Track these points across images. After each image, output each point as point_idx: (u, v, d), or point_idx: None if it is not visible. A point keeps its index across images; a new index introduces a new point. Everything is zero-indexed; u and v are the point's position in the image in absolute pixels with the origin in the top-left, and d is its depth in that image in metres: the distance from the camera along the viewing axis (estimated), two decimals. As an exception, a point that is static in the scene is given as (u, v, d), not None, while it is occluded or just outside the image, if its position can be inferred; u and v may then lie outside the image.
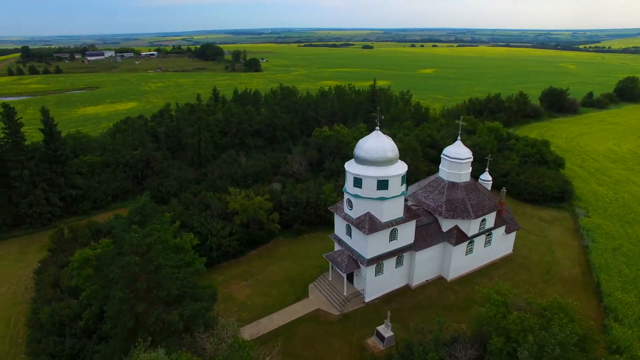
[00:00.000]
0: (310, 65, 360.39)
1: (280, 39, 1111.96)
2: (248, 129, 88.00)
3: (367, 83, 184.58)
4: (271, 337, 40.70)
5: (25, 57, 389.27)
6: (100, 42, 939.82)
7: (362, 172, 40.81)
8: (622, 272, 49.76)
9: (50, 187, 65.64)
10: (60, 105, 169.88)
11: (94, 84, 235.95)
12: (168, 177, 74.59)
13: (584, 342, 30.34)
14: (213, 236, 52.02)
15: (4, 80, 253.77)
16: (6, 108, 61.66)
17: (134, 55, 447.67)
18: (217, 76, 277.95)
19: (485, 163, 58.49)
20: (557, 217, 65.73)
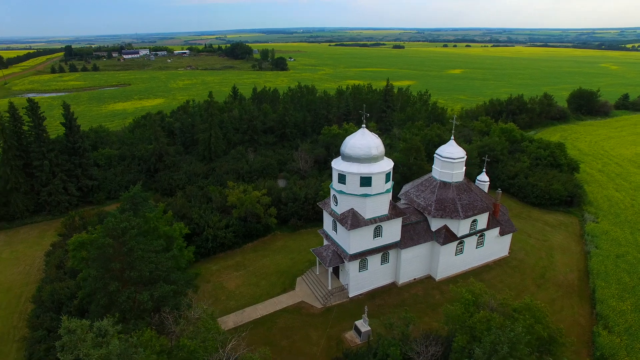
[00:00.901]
0: (337, 64, 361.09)
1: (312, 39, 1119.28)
2: (259, 126, 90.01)
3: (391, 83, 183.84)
4: (253, 326, 42.16)
5: (68, 55, 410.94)
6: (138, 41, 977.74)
7: (345, 169, 41.55)
8: (622, 279, 47.99)
9: (69, 177, 69.99)
10: (92, 101, 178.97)
11: (125, 81, 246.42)
12: (179, 171, 77.71)
13: (549, 345, 30.06)
14: (210, 227, 54.11)
15: (46, 77, 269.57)
16: (31, 103, 66.17)
17: (167, 54, 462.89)
18: (243, 74, 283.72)
19: (491, 164, 57.43)
20: (564, 221, 63.78)
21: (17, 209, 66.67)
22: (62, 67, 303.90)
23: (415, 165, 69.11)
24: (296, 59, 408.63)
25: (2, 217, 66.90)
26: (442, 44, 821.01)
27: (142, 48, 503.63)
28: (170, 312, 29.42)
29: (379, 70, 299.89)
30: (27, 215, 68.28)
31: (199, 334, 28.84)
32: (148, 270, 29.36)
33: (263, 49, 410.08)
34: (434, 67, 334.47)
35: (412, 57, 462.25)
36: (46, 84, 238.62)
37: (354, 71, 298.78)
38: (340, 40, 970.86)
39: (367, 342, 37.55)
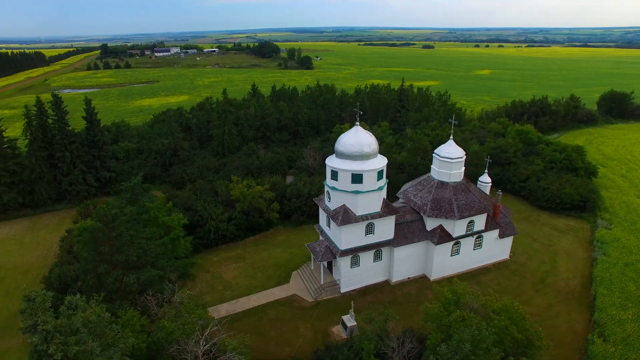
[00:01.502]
0: (364, 64, 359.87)
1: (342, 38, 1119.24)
2: (272, 123, 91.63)
3: (413, 83, 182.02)
4: (245, 316, 43.53)
5: (104, 53, 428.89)
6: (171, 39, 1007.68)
7: (338, 166, 42.17)
8: (627, 288, 46.23)
9: (88, 168, 73.78)
10: (121, 96, 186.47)
11: (154, 78, 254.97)
12: (192, 165, 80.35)
13: (526, 347, 29.73)
14: (212, 220, 55.92)
15: (82, 74, 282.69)
16: (55, 98, 70.19)
17: (197, 52, 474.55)
18: (268, 73, 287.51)
19: (504, 166, 56.31)
20: (574, 226, 61.84)
21: (41, 197, 70.84)
22: (97, 64, 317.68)
23: (422, 165, 68.78)
24: (322, 58, 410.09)
25: (28, 204, 71.29)
26: (474, 44, 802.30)
27: (173, 46, 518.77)
28: (154, 295, 31.04)
29: (405, 70, 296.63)
30: (49, 203, 72.41)
31: (179, 317, 30.31)
32: (136, 255, 31.14)
33: (290, 47, 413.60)
34: (462, 67, 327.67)
35: (440, 57, 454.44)
36: (81, 80, 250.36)
37: (380, 71, 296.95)
38: (370, 40, 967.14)
39: (351, 337, 38.08)
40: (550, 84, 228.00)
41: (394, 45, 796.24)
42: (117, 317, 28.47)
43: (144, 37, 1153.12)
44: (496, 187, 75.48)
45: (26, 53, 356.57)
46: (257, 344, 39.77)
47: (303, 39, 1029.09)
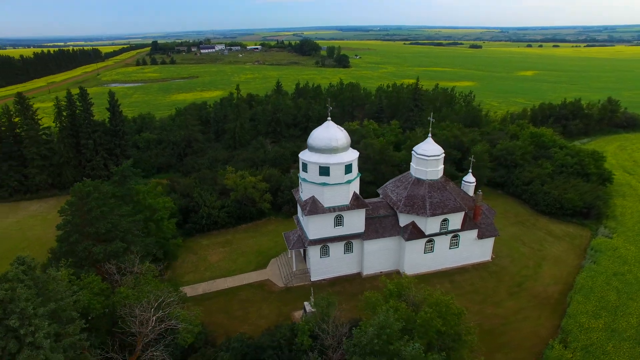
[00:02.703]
0: (402, 63, 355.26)
1: (388, 37, 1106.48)
2: (283, 119, 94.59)
3: (447, 83, 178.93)
4: (217, 295, 46.64)
5: (154, 50, 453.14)
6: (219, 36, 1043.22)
7: (307, 158, 44.06)
8: (607, 297, 44.47)
9: (109, 155, 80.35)
10: (160, 91, 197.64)
11: (194, 74, 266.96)
12: (204, 157, 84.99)
13: (454, 341, 30.29)
14: (206, 206, 59.60)
15: (130, 69, 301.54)
16: (81, 90, 77.15)
17: (240, 49, 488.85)
18: (304, 70, 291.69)
19: (509, 168, 55.17)
20: (572, 233, 59.55)
21: (67, 180, 78.08)
22: (146, 60, 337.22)
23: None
24: (362, 57, 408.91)
25: (56, 185, 78.91)
26: (526, 44, 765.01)
27: (218, 43, 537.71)
28: (117, 265, 34.68)
29: (442, 70, 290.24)
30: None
31: (137, 286, 33.70)
32: (105, 228, 34.94)
33: (329, 45, 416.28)
34: (505, 68, 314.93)
35: (485, 57, 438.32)
36: (129, 75, 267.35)
37: (416, 70, 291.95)
38: (417, 39, 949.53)
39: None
40: (599, 86, 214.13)
41: (440, 44, 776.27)
42: (80, 280, 32.36)
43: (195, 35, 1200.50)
44: (500, 189, 74.18)
45: (85, 50, 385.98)
46: (222, 321, 42.74)
47: (348, 37, 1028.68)
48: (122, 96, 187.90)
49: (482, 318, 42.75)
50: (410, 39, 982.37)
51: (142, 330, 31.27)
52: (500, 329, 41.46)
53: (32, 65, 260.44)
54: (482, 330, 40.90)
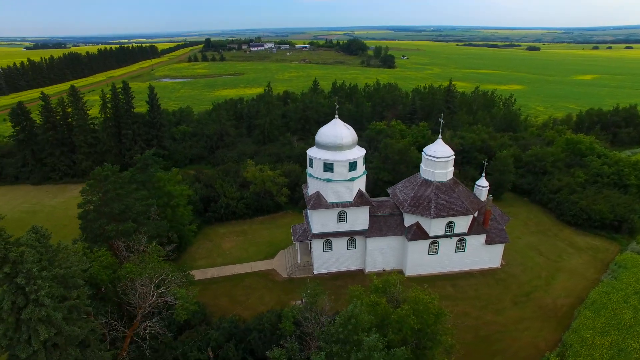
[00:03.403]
0: (450, 65, 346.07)
1: (441, 38, 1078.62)
2: (312, 116, 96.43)
3: (492, 86, 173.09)
4: (224, 280, 49.29)
5: (207, 47, 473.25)
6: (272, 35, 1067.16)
7: (313, 154, 45.41)
8: (620, 315, 41.97)
9: (147, 145, 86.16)
10: (205, 87, 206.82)
11: (241, 71, 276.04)
12: (234, 150, 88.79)
13: (429, 340, 30.43)
14: (225, 197, 62.71)
15: (182, 65, 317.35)
16: (124, 84, 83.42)
17: (289, 47, 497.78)
18: (348, 70, 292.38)
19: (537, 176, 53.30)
20: (597, 246, 56.32)
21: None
22: (197, 57, 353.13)
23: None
24: (409, 58, 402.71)
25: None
26: (592, 46, 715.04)
27: (268, 41, 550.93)
28: (126, 243, 38.04)
29: (490, 73, 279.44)
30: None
31: (142, 263, 36.85)
32: (118, 209, 38.42)
33: (377, 45, 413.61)
34: (561, 71, 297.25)
35: (542, 60, 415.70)
36: (180, 71, 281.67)
37: (463, 72, 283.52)
38: (471, 40, 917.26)
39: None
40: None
41: (495, 46, 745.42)
42: (92, 253, 36.01)
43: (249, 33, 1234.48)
44: (526, 196, 71.41)
45: (143, 47, 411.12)
46: (224, 304, 45.27)
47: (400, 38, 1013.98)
48: (170, 91, 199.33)
49: (480, 324, 42.06)
50: (463, 40, 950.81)
51: (141, 302, 34.30)
52: (497, 336, 40.56)
53: (95, 61, 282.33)
54: (477, 337, 40.64)
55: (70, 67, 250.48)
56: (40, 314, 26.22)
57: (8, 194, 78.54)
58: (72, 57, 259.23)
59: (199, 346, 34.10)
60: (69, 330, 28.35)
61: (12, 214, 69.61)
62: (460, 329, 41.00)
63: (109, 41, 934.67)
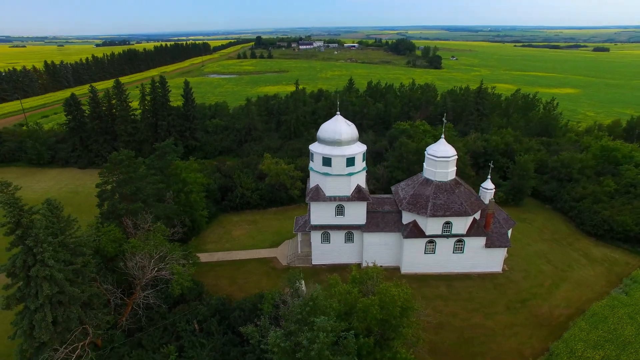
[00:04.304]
0: (500, 66, 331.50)
1: (498, 38, 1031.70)
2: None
3: (542, 89, 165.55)
4: (228, 264, 52.49)
5: (257, 44, 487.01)
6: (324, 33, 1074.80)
7: (314, 149, 47.23)
8: (620, 330, 40.07)
9: (180, 137, 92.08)
10: (249, 83, 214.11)
11: (286, 69, 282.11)
12: (260, 144, 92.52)
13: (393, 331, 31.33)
14: (241, 187, 66.14)
15: (230, 62, 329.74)
16: (161, 78, 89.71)
17: (337, 46, 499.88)
18: (392, 70, 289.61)
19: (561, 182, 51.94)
20: (616, 259, 53.29)
21: (145, 155, 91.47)
22: (246, 54, 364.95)
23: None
24: (459, 59, 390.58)
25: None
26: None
27: (317, 40, 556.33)
28: (134, 221, 42.11)
29: (543, 75, 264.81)
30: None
31: (146, 240, 40.68)
32: (129, 190, 42.58)
33: (426, 45, 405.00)
34: (627, 74, 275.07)
35: (607, 62, 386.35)
36: (228, 67, 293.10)
37: (513, 74, 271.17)
38: (531, 41, 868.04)
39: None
40: None
41: (557, 47, 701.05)
42: (102, 227, 40.37)
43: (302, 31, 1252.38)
44: (548, 203, 68.72)
45: (196, 44, 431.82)
46: (224, 285, 48.36)
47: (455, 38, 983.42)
48: (215, 86, 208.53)
49: (467, 326, 41.88)
50: (522, 40, 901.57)
51: (140, 275, 38.02)
52: (482, 339, 40.24)
53: (151, 57, 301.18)
54: (461, 338, 40.61)
55: (129, 63, 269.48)
56: (44, 273, 30.35)
57: (59, 175, 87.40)
58: (131, 53, 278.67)
59: (187, 319, 37.24)
60: (71, 290, 32.41)
61: (59, 192, 77.73)
62: (446, 329, 41.43)
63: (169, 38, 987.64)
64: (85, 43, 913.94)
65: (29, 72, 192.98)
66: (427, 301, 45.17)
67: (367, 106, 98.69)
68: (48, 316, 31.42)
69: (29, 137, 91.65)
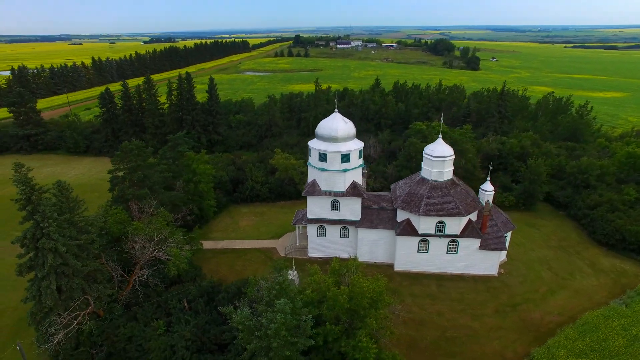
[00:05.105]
0: (543, 68, 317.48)
1: (548, 39, 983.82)
2: (355, 113, 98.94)
3: (582, 92, 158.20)
4: (230, 252, 55.23)
5: (295, 43, 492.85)
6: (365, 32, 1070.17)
7: (312, 145, 48.88)
8: (610, 340, 38.78)
9: (203, 131, 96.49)
10: (281, 81, 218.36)
11: (320, 67, 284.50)
12: (279, 140, 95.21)
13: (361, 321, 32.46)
14: (251, 180, 68.87)
15: (267, 60, 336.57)
16: (187, 75, 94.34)
17: (375, 46, 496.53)
18: (427, 70, 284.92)
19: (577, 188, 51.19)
20: (624, 270, 51.20)
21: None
22: (283, 52, 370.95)
23: (464, 169, 66.56)
24: (499, 60, 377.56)
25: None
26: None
27: (355, 39, 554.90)
28: (139, 205, 45.58)
29: (588, 78, 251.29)
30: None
31: (149, 223, 44.02)
32: (137, 177, 46.13)
33: (465, 46, 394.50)
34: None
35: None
36: (264, 65, 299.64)
37: (555, 77, 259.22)
38: (584, 42, 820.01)
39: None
40: None
41: (614, 48, 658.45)
42: (110, 209, 44.12)
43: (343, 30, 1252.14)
44: (563, 209, 66.62)
45: (235, 42, 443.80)
46: (223, 271, 51.08)
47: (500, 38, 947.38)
48: (248, 83, 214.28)
49: (451, 326, 42.10)
50: (575, 41, 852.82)
51: (140, 255, 41.29)
52: (464, 339, 40.36)
53: (191, 54, 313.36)
54: (442, 336, 40.97)
55: (169, 59, 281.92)
56: (49, 245, 34.01)
57: (91, 163, 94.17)
58: (171, 50, 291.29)
59: (179, 297, 40.08)
60: (74, 263, 36.00)
61: (89, 179, 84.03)
62: (429, 327, 41.86)
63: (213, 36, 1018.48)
64: (135, 40, 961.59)
65: (78, 68, 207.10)
66: (415, 299, 45.86)
67: (386, 105, 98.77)
68: (53, 284, 35.15)
69: (68, 127, 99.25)
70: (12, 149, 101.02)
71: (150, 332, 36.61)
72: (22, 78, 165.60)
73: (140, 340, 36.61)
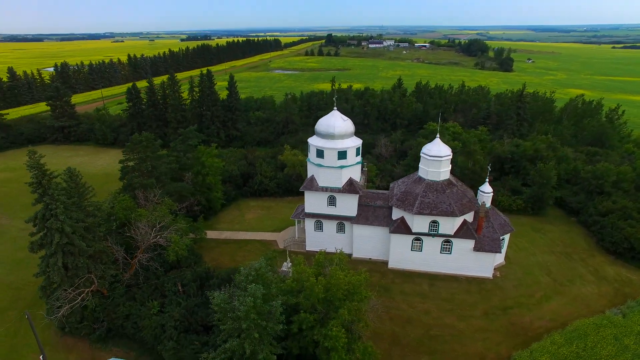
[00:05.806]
0: (582, 70, 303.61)
1: (594, 39, 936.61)
2: (370, 112, 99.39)
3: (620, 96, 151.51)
4: (233, 242, 57.55)
5: (327, 42, 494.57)
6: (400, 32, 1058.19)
7: (311, 141, 50.28)
8: (596, 349, 37.90)
9: (222, 127, 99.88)
10: (308, 79, 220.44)
11: (349, 67, 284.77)
12: (295, 136, 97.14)
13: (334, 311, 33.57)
14: (260, 175, 71.08)
15: (296, 58, 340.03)
16: (208, 72, 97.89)
17: (408, 46, 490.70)
18: (457, 71, 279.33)
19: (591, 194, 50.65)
20: (629, 280, 49.49)
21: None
22: (313, 51, 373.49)
23: (471, 170, 66.02)
24: (535, 61, 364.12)
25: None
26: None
27: (388, 39, 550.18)
28: (145, 194, 48.55)
29: (630, 81, 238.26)
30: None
31: (153, 211, 46.90)
32: (145, 168, 49.15)
33: (499, 47, 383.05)
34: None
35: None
36: (293, 63, 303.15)
37: (593, 79, 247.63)
38: (635, 42, 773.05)
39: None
40: None
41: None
42: (118, 197, 47.31)
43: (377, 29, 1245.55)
44: (575, 215, 64.79)
45: (267, 40, 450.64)
46: (223, 260, 53.37)
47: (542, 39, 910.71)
48: (275, 81, 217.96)
49: (435, 324, 42.39)
50: (626, 41, 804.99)
51: (141, 240, 44.14)
52: (447, 338, 40.60)
53: (223, 52, 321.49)
54: (426, 334, 41.43)
55: (201, 57, 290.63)
56: (56, 225, 37.25)
57: (117, 155, 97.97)
58: (204, 48, 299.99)
59: (174, 281, 42.61)
60: (79, 243, 39.18)
61: (113, 169, 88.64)
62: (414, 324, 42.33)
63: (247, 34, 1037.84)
64: (173, 38, 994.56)
65: (114, 64, 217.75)
66: (405, 296, 46.39)
67: (403, 105, 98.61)
68: (59, 261, 38.44)
69: (98, 120, 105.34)
70: (48, 139, 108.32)
71: (145, 311, 39.28)
72: (64, 74, 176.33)
73: (136, 319, 39.40)
